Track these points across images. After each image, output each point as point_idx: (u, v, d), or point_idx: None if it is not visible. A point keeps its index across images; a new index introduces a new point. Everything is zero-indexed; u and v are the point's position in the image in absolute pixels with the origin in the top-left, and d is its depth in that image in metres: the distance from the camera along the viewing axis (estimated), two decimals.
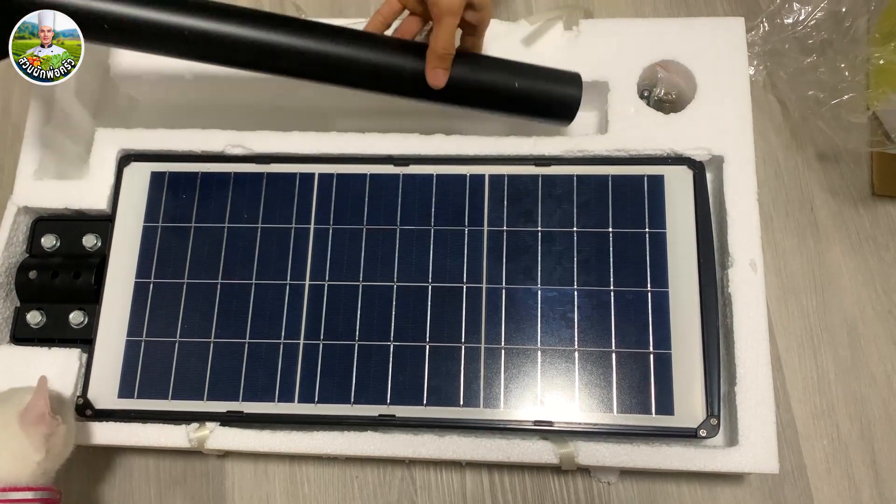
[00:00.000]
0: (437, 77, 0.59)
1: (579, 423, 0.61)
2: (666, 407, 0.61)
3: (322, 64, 0.60)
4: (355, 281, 0.66)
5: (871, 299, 0.71)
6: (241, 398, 0.64)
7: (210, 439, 0.63)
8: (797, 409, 0.68)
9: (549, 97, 0.65)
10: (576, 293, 0.64)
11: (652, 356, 0.62)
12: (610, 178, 0.67)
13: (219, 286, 0.66)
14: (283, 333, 0.65)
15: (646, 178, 0.67)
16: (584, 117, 0.73)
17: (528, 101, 0.64)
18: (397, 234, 0.67)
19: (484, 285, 0.65)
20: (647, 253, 0.65)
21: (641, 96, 0.69)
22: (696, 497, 0.66)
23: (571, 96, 0.65)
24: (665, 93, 0.70)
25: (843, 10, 0.72)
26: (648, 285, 0.64)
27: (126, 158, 0.71)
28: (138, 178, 0.70)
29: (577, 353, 0.63)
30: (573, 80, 0.65)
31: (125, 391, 0.65)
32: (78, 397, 0.65)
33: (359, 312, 0.65)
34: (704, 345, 0.62)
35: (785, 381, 0.69)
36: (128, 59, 0.72)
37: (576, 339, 0.63)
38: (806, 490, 0.66)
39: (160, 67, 0.71)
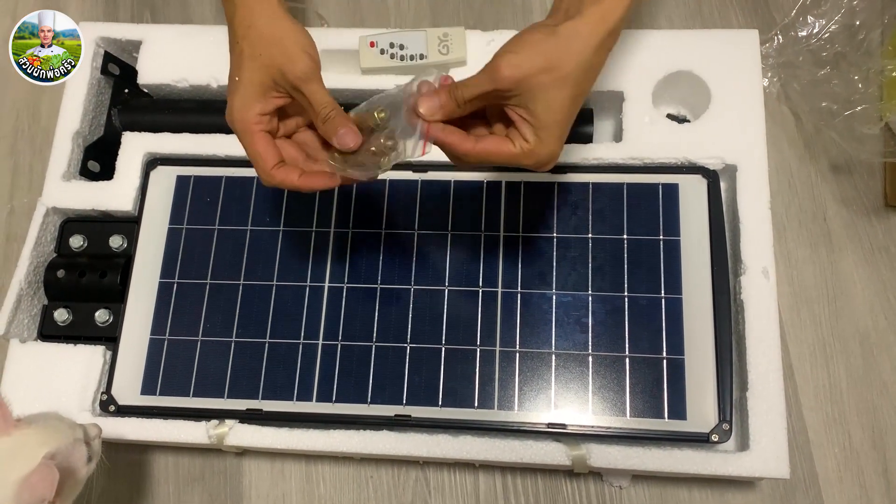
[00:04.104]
0: None
1: (592, 427, 0.62)
2: (678, 411, 0.62)
3: None
4: (373, 283, 0.67)
5: (884, 309, 0.71)
6: (260, 396, 0.65)
7: (229, 436, 0.64)
8: (809, 418, 0.69)
9: None
10: (590, 298, 0.65)
11: (665, 361, 0.63)
12: (625, 186, 0.68)
13: (240, 287, 0.68)
14: (302, 334, 0.66)
15: (660, 187, 0.68)
16: (600, 126, 0.74)
17: None
18: (415, 239, 0.68)
19: (500, 289, 0.66)
20: (661, 260, 0.66)
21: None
22: (707, 502, 0.67)
23: (585, 132, 0.71)
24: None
25: (857, 23, 0.73)
26: (662, 291, 0.65)
27: (152, 162, 0.73)
28: (164, 181, 0.72)
29: (590, 358, 0.64)
30: (586, 116, 0.71)
31: (148, 388, 0.66)
32: (102, 393, 0.66)
33: (376, 314, 0.66)
34: (717, 351, 0.63)
35: (797, 389, 0.69)
36: (154, 69, 0.75)
37: (590, 343, 0.64)
38: (817, 498, 0.66)
39: (187, 76, 0.74)
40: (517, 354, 0.64)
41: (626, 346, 0.64)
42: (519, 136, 0.48)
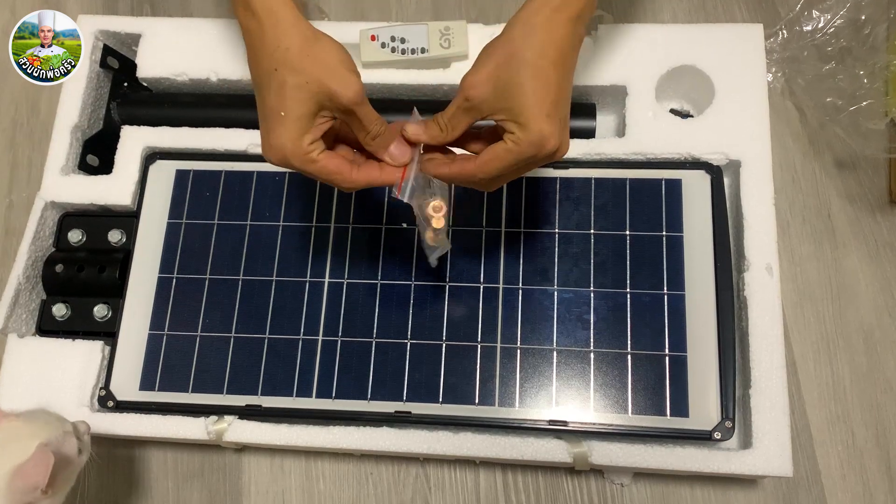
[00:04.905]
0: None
1: (594, 424, 0.61)
2: (681, 409, 0.61)
3: None
4: (373, 279, 0.67)
5: (888, 306, 0.71)
6: (259, 392, 0.64)
7: (228, 432, 0.63)
8: (812, 415, 0.68)
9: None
10: (592, 295, 0.65)
11: (667, 358, 0.63)
12: (628, 182, 0.68)
13: (240, 282, 0.68)
14: (302, 330, 0.66)
15: (663, 182, 0.67)
16: (603, 121, 0.73)
17: None
18: (416, 234, 0.68)
19: (501, 285, 0.66)
20: (664, 256, 0.65)
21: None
22: (709, 501, 0.66)
23: (587, 127, 0.71)
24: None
25: (863, 17, 0.73)
26: (665, 288, 0.64)
27: (151, 156, 0.72)
28: (163, 175, 0.71)
29: (592, 354, 0.63)
30: (588, 110, 0.71)
31: (146, 384, 0.66)
32: (100, 389, 0.66)
33: (377, 310, 0.66)
34: (720, 348, 0.62)
35: (800, 386, 0.69)
36: (153, 63, 0.74)
37: (591, 340, 0.64)
38: (820, 496, 0.66)
39: (187, 70, 0.73)
40: (518, 351, 0.64)
41: (629, 342, 0.63)
42: (507, 133, 0.48)
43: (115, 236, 0.70)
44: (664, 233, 0.66)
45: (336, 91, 0.47)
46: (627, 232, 0.66)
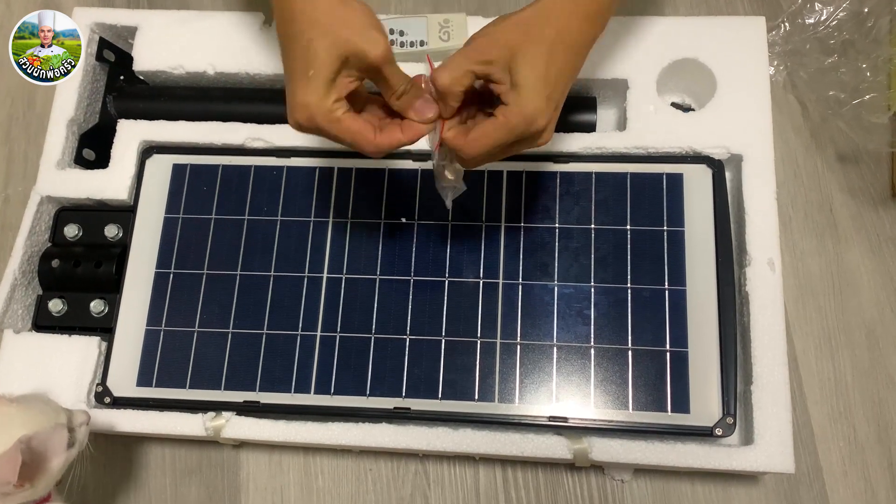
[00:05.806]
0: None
1: (594, 420, 0.61)
2: (682, 405, 0.61)
3: None
4: (372, 275, 0.66)
5: (891, 301, 0.70)
6: (257, 388, 0.64)
7: (226, 428, 0.63)
8: (814, 411, 0.68)
9: (568, 124, 0.70)
10: (593, 290, 0.64)
11: (668, 354, 0.62)
12: (628, 176, 0.67)
13: (237, 277, 0.67)
14: (300, 325, 0.65)
15: (664, 177, 0.67)
16: (603, 115, 0.73)
17: None
18: (415, 229, 0.67)
19: (500, 281, 0.65)
20: (665, 251, 0.65)
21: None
22: (710, 497, 0.66)
23: (588, 121, 0.70)
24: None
25: (866, 10, 0.72)
26: (666, 283, 0.64)
27: (148, 150, 0.71)
28: (160, 169, 0.71)
29: (593, 350, 0.63)
30: (588, 104, 0.71)
31: (143, 380, 0.65)
32: (97, 385, 0.65)
33: (376, 306, 0.65)
34: (721, 343, 0.62)
35: (802, 382, 0.69)
36: (150, 56, 0.74)
37: (592, 335, 0.63)
38: (821, 492, 0.66)
39: (183, 63, 0.73)
40: (518, 346, 0.63)
41: (629, 338, 0.63)
42: (502, 105, 0.49)
43: (111, 231, 0.70)
44: (665, 227, 0.65)
45: (364, 50, 0.47)
46: (628, 227, 0.66)
